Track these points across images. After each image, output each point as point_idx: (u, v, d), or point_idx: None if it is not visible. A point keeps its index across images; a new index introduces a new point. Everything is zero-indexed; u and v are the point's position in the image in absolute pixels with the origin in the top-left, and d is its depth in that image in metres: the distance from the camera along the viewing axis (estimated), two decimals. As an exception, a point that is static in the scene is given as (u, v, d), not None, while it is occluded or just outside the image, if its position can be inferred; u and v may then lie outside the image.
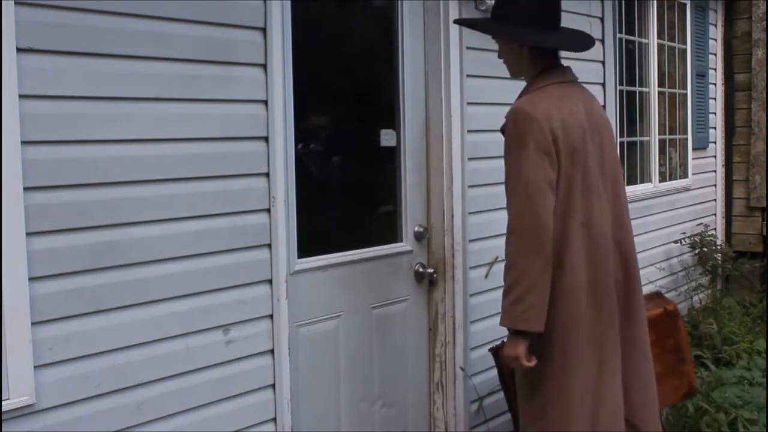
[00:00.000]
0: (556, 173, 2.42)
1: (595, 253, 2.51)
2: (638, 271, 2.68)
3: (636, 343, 2.65)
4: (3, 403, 2.07)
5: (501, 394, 3.44)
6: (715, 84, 6.47)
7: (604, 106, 4.58)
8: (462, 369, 3.53)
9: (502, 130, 2.59)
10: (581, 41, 2.79)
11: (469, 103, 3.53)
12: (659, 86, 5.58)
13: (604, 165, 2.58)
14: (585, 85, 4.51)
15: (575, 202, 2.46)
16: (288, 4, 2.84)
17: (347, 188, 3.48)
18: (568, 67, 2.68)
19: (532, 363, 2.44)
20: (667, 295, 5.52)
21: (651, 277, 5.29)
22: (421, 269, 3.45)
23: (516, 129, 2.46)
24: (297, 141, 3.55)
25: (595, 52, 4.52)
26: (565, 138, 2.44)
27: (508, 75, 2.77)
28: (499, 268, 3.01)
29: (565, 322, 2.47)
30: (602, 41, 4.57)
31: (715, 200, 6.47)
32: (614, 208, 2.60)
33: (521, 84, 2.78)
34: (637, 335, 2.66)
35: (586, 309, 2.49)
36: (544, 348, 2.49)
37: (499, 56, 2.74)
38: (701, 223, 6.04)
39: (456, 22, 3.00)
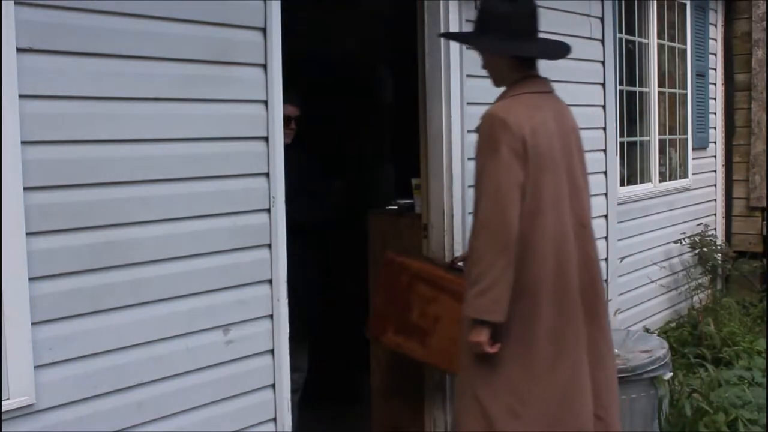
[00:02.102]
0: (524, 176, 2.55)
1: (560, 255, 2.63)
2: (601, 275, 2.82)
3: (602, 342, 2.77)
4: (3, 403, 2.07)
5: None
6: (715, 84, 6.46)
7: (604, 106, 4.59)
8: (462, 369, 3.52)
9: (477, 131, 2.69)
10: (557, 50, 2.93)
11: (469, 103, 3.52)
12: (659, 86, 5.58)
13: (572, 174, 2.71)
14: (584, 85, 4.54)
15: (544, 204, 2.59)
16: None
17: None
18: (545, 79, 2.80)
19: (495, 349, 2.58)
20: (667, 296, 5.53)
21: (651, 277, 5.29)
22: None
23: (490, 132, 2.58)
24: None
25: (595, 52, 4.52)
26: (534, 145, 2.57)
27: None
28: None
29: (525, 315, 2.59)
30: (602, 41, 4.56)
31: (715, 200, 6.47)
32: (579, 217, 2.72)
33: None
34: (603, 336, 2.78)
35: (547, 305, 2.60)
36: (503, 337, 2.61)
37: (483, 66, 2.86)
38: (701, 223, 6.03)
39: (440, 35, 3.05)
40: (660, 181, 5.59)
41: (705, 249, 5.79)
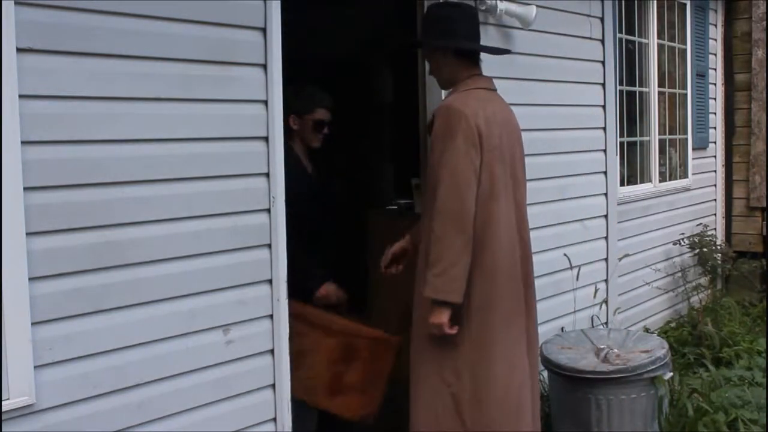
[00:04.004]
0: (479, 163, 2.68)
1: (510, 242, 2.76)
2: (533, 268, 2.96)
3: (531, 329, 2.91)
4: (3, 403, 2.07)
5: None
6: (715, 84, 6.46)
7: (604, 106, 4.60)
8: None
9: (429, 126, 2.82)
10: (497, 49, 3.19)
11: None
12: (659, 86, 5.58)
13: (513, 166, 2.84)
14: (584, 85, 4.55)
15: (499, 191, 2.72)
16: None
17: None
18: (490, 79, 2.94)
19: (454, 330, 2.67)
20: (667, 296, 5.54)
21: (650, 278, 5.29)
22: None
23: (447, 123, 2.70)
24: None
25: (595, 52, 4.52)
26: (488, 134, 2.71)
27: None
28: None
29: (483, 301, 2.70)
30: (602, 41, 4.56)
31: (715, 200, 6.47)
32: (518, 207, 2.86)
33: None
34: (532, 322, 2.92)
35: (503, 287, 2.72)
36: (462, 324, 2.70)
37: (430, 72, 2.99)
38: (701, 223, 6.03)
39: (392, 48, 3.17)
40: (660, 181, 5.59)
41: (705, 249, 5.79)
